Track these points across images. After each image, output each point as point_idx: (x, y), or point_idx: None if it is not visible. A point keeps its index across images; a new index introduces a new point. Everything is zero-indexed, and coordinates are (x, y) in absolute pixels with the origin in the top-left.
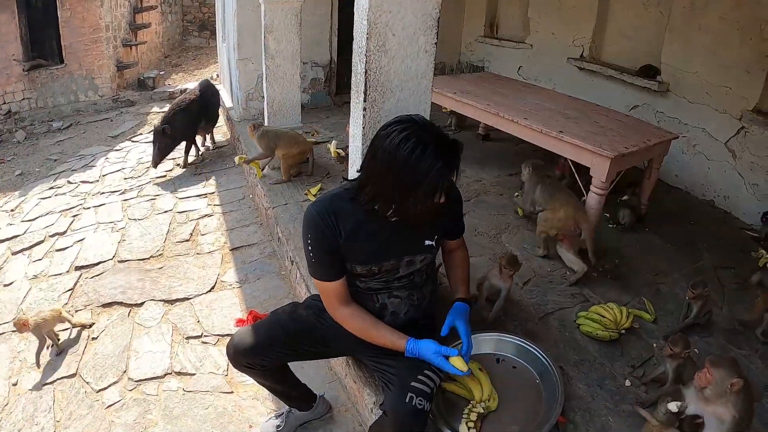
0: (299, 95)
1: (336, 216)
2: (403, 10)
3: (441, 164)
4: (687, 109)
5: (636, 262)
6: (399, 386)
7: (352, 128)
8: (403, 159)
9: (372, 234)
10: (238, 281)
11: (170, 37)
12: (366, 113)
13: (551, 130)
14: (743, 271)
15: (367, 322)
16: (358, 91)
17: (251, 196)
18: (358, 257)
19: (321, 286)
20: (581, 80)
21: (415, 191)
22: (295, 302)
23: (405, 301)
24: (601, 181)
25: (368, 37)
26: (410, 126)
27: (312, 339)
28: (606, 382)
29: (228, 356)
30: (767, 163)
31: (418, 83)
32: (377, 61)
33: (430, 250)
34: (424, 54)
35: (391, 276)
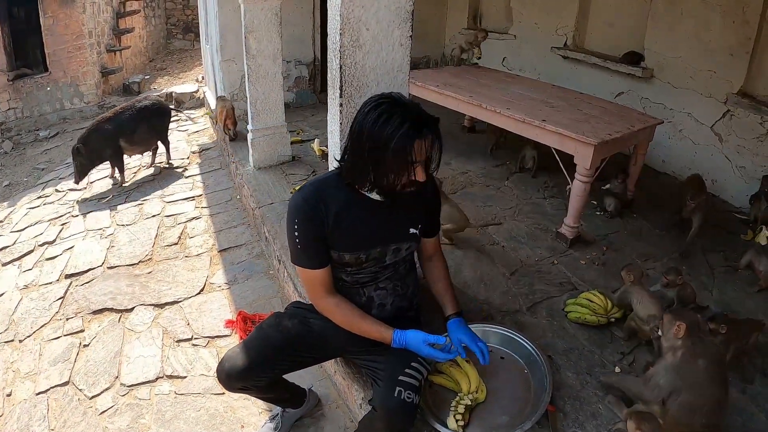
0: (282, 94)
1: (323, 201)
2: (376, 4)
3: (407, 126)
4: (672, 94)
5: (624, 248)
6: (387, 381)
7: (330, 124)
8: (371, 123)
9: (359, 220)
10: (226, 282)
11: (154, 40)
12: (342, 109)
13: (534, 119)
14: (732, 253)
15: (353, 313)
16: (334, 87)
17: (238, 197)
18: (346, 244)
19: (306, 274)
20: (566, 69)
21: (384, 156)
22: (278, 313)
23: (391, 292)
24: (585, 169)
25: (342, 33)
26: (384, 98)
27: (302, 349)
28: (595, 369)
29: (220, 382)
30: (754, 146)
31: (394, 77)
32: (352, 57)
33: (414, 238)
34: (400, 47)
35: (377, 266)
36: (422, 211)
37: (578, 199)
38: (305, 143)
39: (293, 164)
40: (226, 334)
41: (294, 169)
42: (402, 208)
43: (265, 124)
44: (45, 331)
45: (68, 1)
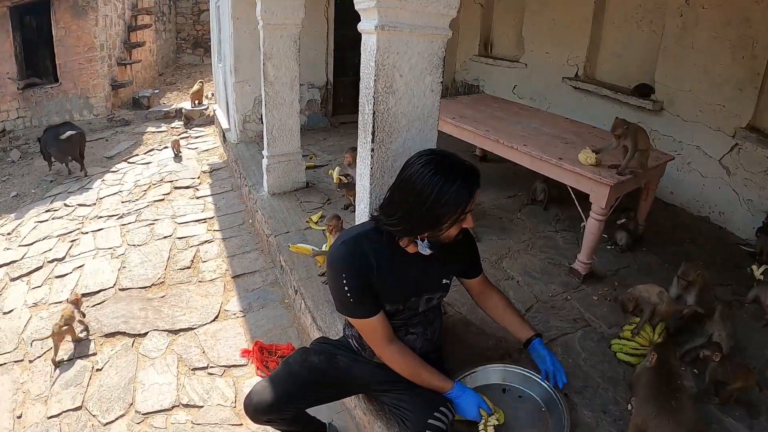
0: (298, 121)
1: (366, 254)
2: (410, 51)
3: (463, 179)
4: (681, 127)
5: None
6: (416, 423)
7: (360, 167)
8: (428, 178)
9: (399, 272)
10: (241, 310)
11: (164, 55)
12: (374, 153)
13: (551, 157)
14: (739, 287)
15: (415, 362)
16: (366, 132)
17: (251, 221)
18: (386, 295)
19: (365, 324)
20: (576, 99)
21: (445, 207)
22: (304, 348)
23: (420, 337)
24: (601, 208)
25: (376, 79)
26: (434, 154)
27: (327, 384)
28: (609, 407)
29: (247, 414)
30: (761, 180)
31: (424, 122)
32: (385, 102)
33: (446, 288)
34: (431, 93)
35: (411, 313)
36: (456, 260)
37: (592, 238)
38: (318, 168)
39: (308, 191)
40: (242, 364)
41: (309, 196)
42: (437, 259)
43: (281, 150)
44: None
45: (81, 13)
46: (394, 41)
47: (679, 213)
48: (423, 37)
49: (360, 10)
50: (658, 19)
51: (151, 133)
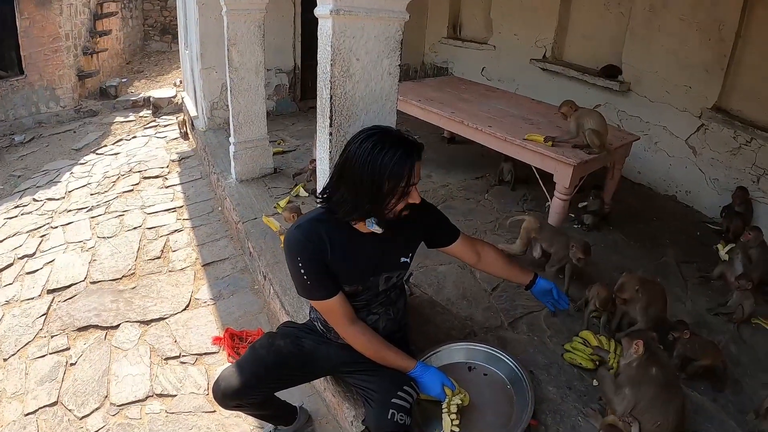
0: (264, 107)
1: (320, 237)
2: (366, 35)
3: (402, 151)
4: (648, 107)
5: (601, 262)
6: (380, 403)
7: (319, 151)
8: (367, 153)
9: (354, 253)
10: (212, 298)
11: (131, 42)
12: (332, 137)
13: (515, 138)
14: (705, 264)
15: (378, 341)
16: (324, 116)
17: (220, 209)
18: (344, 277)
19: (324, 305)
20: (544, 81)
21: (383, 182)
22: (270, 332)
23: (383, 317)
24: (565, 187)
25: (332, 64)
26: (373, 130)
27: (293, 367)
28: (575, 383)
29: (216, 400)
30: (727, 159)
31: (382, 105)
32: (342, 87)
33: (405, 266)
34: (388, 76)
35: (371, 294)
36: (416, 236)
37: (557, 216)
38: (287, 153)
39: (275, 177)
40: (214, 351)
41: (276, 182)
42: (393, 237)
43: (248, 136)
44: (30, 349)
45: (45, 2)
46: (349, 25)
47: (646, 192)
48: (379, 20)
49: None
50: (626, 2)
51: (119, 123)
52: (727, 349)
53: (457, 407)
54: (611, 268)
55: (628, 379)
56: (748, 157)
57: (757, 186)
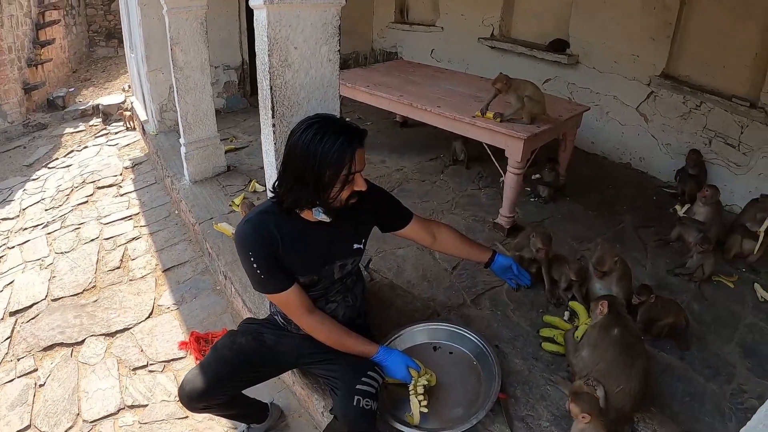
0: (213, 105)
1: (270, 230)
2: (302, 23)
3: (343, 138)
4: (598, 78)
5: (559, 232)
6: (345, 390)
7: (264, 144)
8: (308, 142)
9: (306, 244)
10: (174, 303)
11: (77, 50)
12: (275, 129)
13: (464, 116)
14: (663, 227)
15: (337, 329)
16: (266, 108)
17: (176, 212)
18: (298, 268)
19: (280, 298)
20: (493, 59)
21: (326, 171)
22: (231, 331)
23: (341, 305)
24: (517, 162)
25: (270, 54)
26: (314, 119)
27: (257, 364)
28: (541, 353)
29: (182, 404)
30: (678, 124)
31: (324, 92)
32: (281, 77)
33: (359, 252)
34: (328, 63)
35: (327, 282)
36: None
37: (512, 191)
38: (239, 150)
39: (229, 175)
40: (181, 357)
41: (231, 179)
42: (344, 225)
43: (198, 136)
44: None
45: None
46: (285, 14)
47: (600, 161)
48: (315, 7)
49: None
50: None
51: (69, 134)
52: (690, 308)
53: (423, 388)
54: (569, 238)
55: (588, 341)
56: (699, 121)
57: (710, 148)
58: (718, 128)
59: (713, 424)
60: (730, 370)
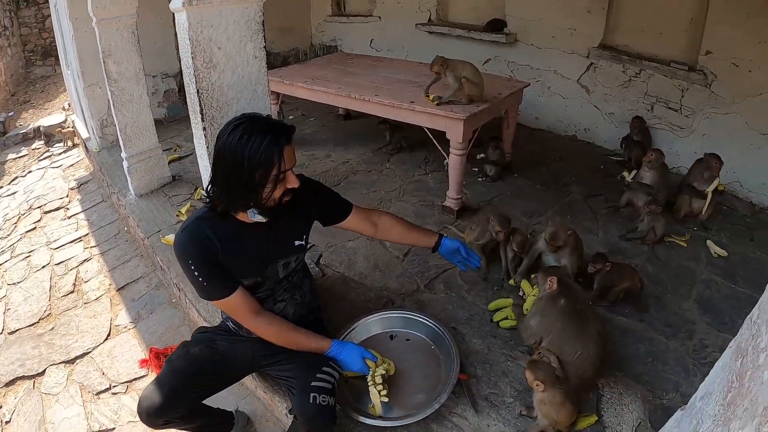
0: (151, 115)
1: (207, 236)
2: (224, 22)
3: (270, 137)
4: (537, 55)
5: (509, 209)
6: (301, 389)
7: (198, 149)
8: (235, 144)
9: (245, 246)
10: (131, 321)
11: (13, 72)
12: (206, 132)
13: (403, 102)
14: (612, 194)
15: (287, 328)
16: (195, 112)
17: (125, 228)
18: (241, 271)
19: (226, 303)
20: (432, 44)
21: (256, 171)
22: (185, 342)
23: (290, 303)
24: (458, 143)
25: (194, 56)
26: (240, 120)
27: (213, 372)
28: (499, 331)
29: (143, 421)
30: (619, 93)
31: (253, 90)
32: (207, 78)
33: (301, 249)
34: (254, 60)
35: (272, 282)
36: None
37: (456, 172)
38: (183, 159)
39: (175, 185)
40: (143, 375)
41: (176, 189)
42: (282, 223)
43: (139, 149)
44: None
45: None
46: (205, 14)
47: (546, 136)
48: (236, 4)
49: None
50: None
51: (12, 160)
52: (645, 270)
53: (382, 378)
54: (519, 213)
55: (536, 311)
56: (640, 88)
57: (652, 113)
58: (659, 94)
59: (678, 382)
60: (690, 327)
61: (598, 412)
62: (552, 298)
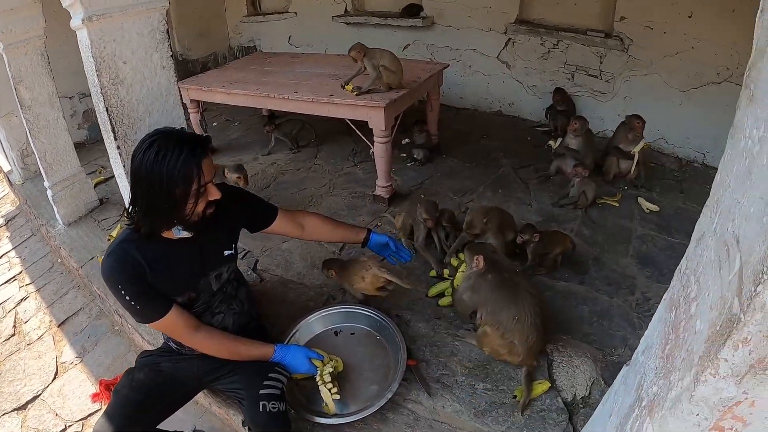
0: (70, 139)
1: (133, 258)
2: (127, 34)
3: (186, 151)
4: (455, 35)
5: (441, 190)
6: (249, 399)
7: (115, 169)
8: (151, 162)
9: (173, 263)
10: (77, 356)
11: None
12: (121, 151)
13: (322, 96)
14: (541, 164)
15: (228, 339)
16: (107, 131)
17: (59, 260)
18: (173, 289)
19: (162, 324)
20: (351, 34)
21: (176, 188)
22: (129, 369)
23: (228, 314)
24: (381, 130)
25: (99, 74)
26: (153, 136)
27: (161, 395)
28: (443, 311)
29: None
30: (539, 65)
31: (164, 102)
32: (116, 95)
33: (232, 258)
34: (162, 70)
35: (207, 296)
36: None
37: (383, 160)
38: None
39: (103, 208)
40: (96, 409)
41: (105, 212)
42: (208, 235)
43: (62, 175)
44: None
45: None
46: (107, 29)
47: (471, 114)
48: (137, 15)
49: (66, 7)
50: None
51: None
52: (580, 233)
53: (330, 375)
54: (451, 193)
55: (466, 288)
56: (559, 58)
57: (573, 82)
58: (579, 62)
59: (625, 336)
60: (630, 282)
61: (550, 377)
62: (480, 275)
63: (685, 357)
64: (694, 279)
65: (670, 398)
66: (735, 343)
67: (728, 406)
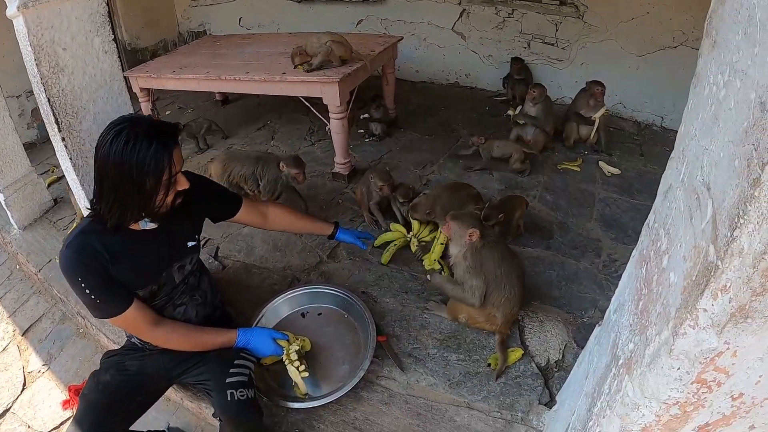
0: (18, 139)
1: (94, 249)
2: (66, 20)
3: (156, 140)
4: (408, 9)
5: (402, 164)
6: (217, 389)
7: (61, 162)
8: (120, 153)
9: (135, 255)
10: (44, 364)
11: None
12: (66, 143)
13: (274, 75)
14: (501, 133)
15: (189, 331)
16: (50, 122)
17: (17, 266)
18: (136, 282)
19: (122, 320)
20: (303, 13)
21: (147, 177)
22: (95, 371)
23: (191, 305)
24: (336, 106)
25: (38, 63)
26: (120, 124)
27: (130, 395)
28: (409, 285)
29: None
30: (495, 35)
31: (110, 88)
32: (57, 84)
33: (195, 250)
34: (105, 55)
35: (169, 288)
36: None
37: (340, 137)
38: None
39: (58, 208)
40: (68, 417)
41: (60, 212)
42: (173, 226)
43: (12, 178)
44: None
45: None
46: (44, 15)
47: (428, 87)
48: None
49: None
50: None
51: None
52: (544, 199)
53: (297, 354)
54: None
55: (468, 271)
56: (514, 27)
57: (530, 50)
58: (534, 30)
59: (595, 298)
60: (596, 245)
61: (522, 344)
62: (477, 251)
63: (660, 311)
64: (664, 232)
65: (648, 354)
66: (714, 291)
67: (710, 357)
